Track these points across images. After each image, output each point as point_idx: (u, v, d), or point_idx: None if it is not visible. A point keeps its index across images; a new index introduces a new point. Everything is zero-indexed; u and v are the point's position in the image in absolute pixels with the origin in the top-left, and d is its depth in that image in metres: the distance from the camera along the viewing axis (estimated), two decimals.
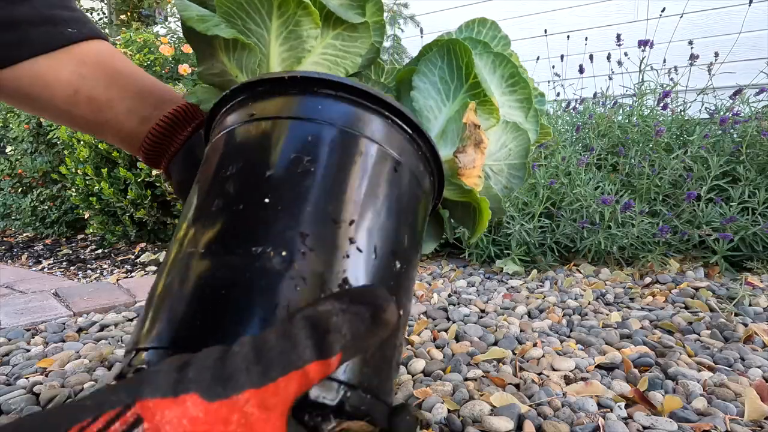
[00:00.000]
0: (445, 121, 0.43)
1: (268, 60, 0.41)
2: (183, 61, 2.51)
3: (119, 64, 0.51)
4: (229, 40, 0.40)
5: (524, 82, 0.45)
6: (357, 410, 0.27)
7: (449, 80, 0.43)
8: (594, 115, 1.81)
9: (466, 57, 0.42)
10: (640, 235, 1.30)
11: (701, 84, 1.75)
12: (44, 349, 0.90)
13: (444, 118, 0.43)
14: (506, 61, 0.44)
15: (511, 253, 1.40)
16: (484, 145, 0.40)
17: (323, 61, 0.43)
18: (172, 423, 0.19)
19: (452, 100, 0.43)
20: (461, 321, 0.99)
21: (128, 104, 0.50)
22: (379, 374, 0.29)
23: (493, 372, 0.75)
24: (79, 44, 0.49)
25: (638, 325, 0.93)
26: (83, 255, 2.12)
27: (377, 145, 0.33)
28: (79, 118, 0.50)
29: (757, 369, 0.73)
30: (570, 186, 1.45)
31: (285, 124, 0.32)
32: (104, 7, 4.50)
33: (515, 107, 0.46)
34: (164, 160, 0.52)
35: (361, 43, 0.43)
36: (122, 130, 0.51)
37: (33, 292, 1.31)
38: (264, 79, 0.34)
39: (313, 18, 0.39)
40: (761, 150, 1.43)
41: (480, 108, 0.42)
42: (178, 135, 0.50)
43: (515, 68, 0.44)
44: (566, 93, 2.29)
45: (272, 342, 0.22)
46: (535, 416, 0.61)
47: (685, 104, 1.73)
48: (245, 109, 0.34)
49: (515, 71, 0.44)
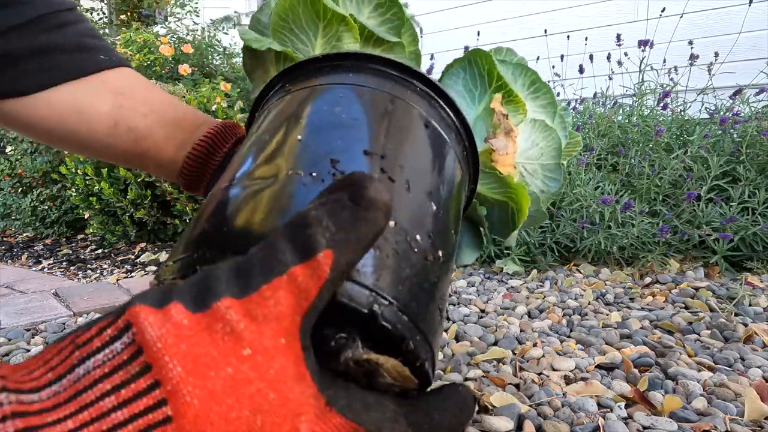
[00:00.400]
0: (474, 120, 0.45)
1: None
2: (183, 62, 2.51)
3: (153, 92, 0.52)
4: (280, 55, 0.46)
5: (546, 87, 0.48)
6: (393, 328, 0.25)
7: (473, 88, 0.46)
8: (594, 115, 1.81)
9: (487, 64, 0.45)
10: (640, 235, 1.30)
11: (701, 84, 1.75)
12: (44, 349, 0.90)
13: (472, 119, 0.45)
14: (527, 69, 0.47)
15: (511, 253, 1.40)
16: (515, 134, 0.42)
17: None
18: (156, 326, 0.19)
19: (478, 104, 0.46)
20: (461, 321, 0.99)
21: (165, 132, 0.51)
22: (416, 299, 0.27)
23: (493, 372, 0.75)
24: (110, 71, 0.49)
25: (638, 325, 0.93)
26: (83, 255, 2.12)
27: (405, 102, 0.36)
28: (120, 151, 0.51)
29: (757, 369, 0.73)
30: (570, 186, 1.45)
31: (327, 88, 0.37)
32: (104, 7, 4.50)
33: (540, 112, 0.48)
34: (203, 184, 0.52)
35: None
36: (161, 158, 0.51)
37: (33, 292, 1.31)
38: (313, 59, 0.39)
39: (353, 33, 0.45)
40: (761, 150, 1.43)
41: (506, 104, 0.44)
42: (215, 156, 0.51)
43: (536, 75, 0.46)
44: (566, 93, 2.29)
45: (254, 253, 0.22)
46: (535, 416, 0.61)
47: (685, 104, 1.73)
48: (302, 82, 0.39)
49: (537, 77, 0.47)
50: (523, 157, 0.47)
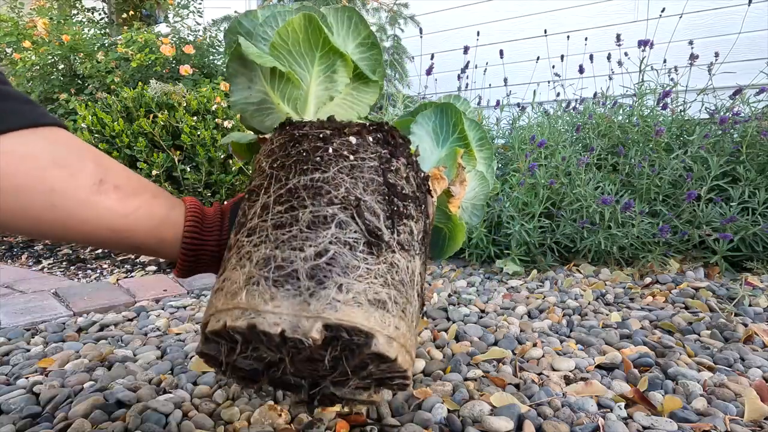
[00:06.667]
0: (437, 160, 0.56)
1: (306, 95, 0.53)
2: (184, 62, 2.51)
3: None
4: (276, 73, 0.51)
5: (489, 144, 0.60)
6: None
7: (440, 132, 0.58)
8: (594, 115, 1.81)
9: (455, 117, 0.57)
10: (640, 235, 1.30)
11: (701, 84, 1.75)
12: (44, 348, 0.90)
13: (436, 158, 0.56)
14: (478, 126, 0.59)
15: (511, 253, 1.40)
16: (466, 184, 0.54)
17: (343, 103, 0.56)
18: None
19: (441, 147, 0.57)
20: (461, 321, 0.99)
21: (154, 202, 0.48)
22: None
23: (493, 372, 0.75)
24: (57, 128, 0.43)
25: (638, 325, 0.93)
26: (83, 255, 2.12)
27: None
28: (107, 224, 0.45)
29: (757, 369, 0.73)
30: (570, 186, 1.45)
31: None
32: (105, 6, 4.49)
33: (482, 162, 0.60)
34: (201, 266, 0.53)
35: (370, 96, 0.58)
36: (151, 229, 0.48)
37: (33, 292, 1.31)
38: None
39: (348, 70, 0.53)
40: (761, 150, 1.43)
41: (464, 155, 0.56)
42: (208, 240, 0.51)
43: (484, 133, 0.60)
44: (566, 93, 2.29)
45: None
46: (535, 416, 0.61)
47: (685, 104, 1.73)
48: None
49: (484, 135, 0.60)
50: (464, 198, 0.58)
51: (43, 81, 2.65)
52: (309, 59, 0.51)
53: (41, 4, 3.27)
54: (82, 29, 2.92)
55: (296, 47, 0.50)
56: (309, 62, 0.51)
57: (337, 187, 0.41)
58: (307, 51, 0.51)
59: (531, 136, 1.61)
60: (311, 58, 0.51)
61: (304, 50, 0.50)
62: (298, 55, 0.51)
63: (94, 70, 2.52)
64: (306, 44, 0.50)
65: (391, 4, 2.93)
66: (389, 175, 0.44)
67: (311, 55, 0.51)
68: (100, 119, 1.81)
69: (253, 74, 0.53)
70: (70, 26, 2.86)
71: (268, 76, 0.52)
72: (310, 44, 0.50)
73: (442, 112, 0.57)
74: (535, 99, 2.08)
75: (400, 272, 0.40)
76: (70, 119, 2.31)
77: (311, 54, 0.51)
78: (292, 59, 0.51)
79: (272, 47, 0.50)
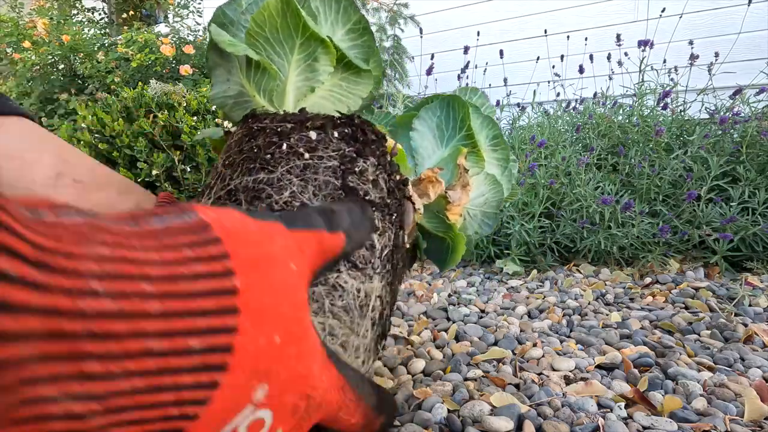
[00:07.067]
0: (438, 160, 0.51)
1: (284, 86, 0.47)
2: (184, 62, 2.51)
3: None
4: (251, 63, 0.46)
5: (504, 143, 0.54)
6: None
7: (445, 129, 0.51)
8: (594, 115, 1.81)
9: (462, 112, 0.50)
10: (640, 235, 1.30)
11: (701, 84, 1.75)
12: None
13: (437, 158, 0.51)
14: (493, 123, 0.52)
15: (511, 253, 1.40)
16: (469, 188, 0.48)
17: (330, 95, 0.49)
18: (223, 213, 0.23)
19: (445, 147, 0.51)
20: (461, 321, 0.99)
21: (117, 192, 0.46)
22: None
23: (493, 372, 0.75)
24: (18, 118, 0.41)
25: (638, 325, 0.93)
26: None
27: None
28: None
29: (757, 369, 0.73)
30: (570, 186, 1.45)
31: None
32: (105, 6, 4.49)
33: (494, 164, 0.54)
34: None
35: (363, 87, 0.51)
36: None
37: None
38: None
39: (330, 58, 0.46)
40: (761, 150, 1.43)
41: (469, 156, 0.51)
42: None
43: (499, 131, 0.53)
44: (566, 93, 2.29)
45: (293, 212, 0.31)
46: (535, 416, 0.61)
47: (685, 104, 1.73)
48: None
49: (499, 133, 0.53)
50: (471, 204, 0.53)
51: (43, 81, 2.65)
52: (288, 47, 0.45)
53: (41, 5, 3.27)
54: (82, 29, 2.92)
55: (274, 34, 0.45)
56: (288, 50, 0.45)
57: (282, 190, 0.36)
58: (286, 38, 0.45)
59: (531, 136, 1.61)
60: (291, 46, 0.45)
61: (282, 37, 0.45)
62: (276, 42, 0.45)
63: (94, 70, 2.52)
64: (285, 30, 0.44)
65: (391, 4, 2.93)
66: (350, 178, 0.38)
67: (291, 42, 0.45)
68: (100, 119, 1.81)
69: (230, 65, 0.48)
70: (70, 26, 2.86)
71: (244, 66, 0.47)
72: (289, 30, 0.44)
73: (448, 106, 0.51)
74: (535, 99, 2.08)
75: (345, 296, 0.34)
76: (70, 119, 2.31)
77: (291, 41, 0.45)
78: (270, 47, 0.45)
79: (248, 35, 0.45)
